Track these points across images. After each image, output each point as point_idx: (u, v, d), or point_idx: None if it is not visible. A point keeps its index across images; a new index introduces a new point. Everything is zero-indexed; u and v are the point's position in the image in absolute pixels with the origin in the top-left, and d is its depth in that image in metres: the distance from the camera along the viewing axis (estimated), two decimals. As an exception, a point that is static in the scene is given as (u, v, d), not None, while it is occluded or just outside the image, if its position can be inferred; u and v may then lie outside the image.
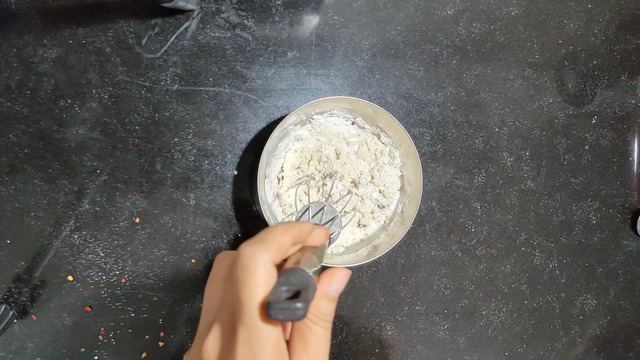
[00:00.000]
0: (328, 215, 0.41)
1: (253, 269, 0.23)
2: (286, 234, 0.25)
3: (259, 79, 0.55)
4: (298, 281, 0.23)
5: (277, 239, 0.24)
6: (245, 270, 0.23)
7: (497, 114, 0.61)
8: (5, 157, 0.51)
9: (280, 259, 0.25)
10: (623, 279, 0.64)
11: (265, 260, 0.23)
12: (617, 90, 0.64)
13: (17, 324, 0.50)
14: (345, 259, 0.53)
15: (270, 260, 0.23)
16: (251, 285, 0.22)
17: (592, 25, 0.63)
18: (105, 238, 0.52)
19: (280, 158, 0.54)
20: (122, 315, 0.52)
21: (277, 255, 0.24)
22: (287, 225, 0.26)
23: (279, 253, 0.24)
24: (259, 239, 0.24)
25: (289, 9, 0.55)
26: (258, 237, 0.24)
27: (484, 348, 0.60)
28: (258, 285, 0.22)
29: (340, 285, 0.26)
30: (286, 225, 0.26)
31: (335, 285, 0.26)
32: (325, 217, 0.40)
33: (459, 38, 0.59)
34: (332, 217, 0.41)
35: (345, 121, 0.56)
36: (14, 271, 0.50)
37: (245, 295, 0.22)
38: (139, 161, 0.53)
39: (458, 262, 0.59)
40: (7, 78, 0.51)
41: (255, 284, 0.22)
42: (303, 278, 0.23)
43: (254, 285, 0.22)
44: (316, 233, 0.28)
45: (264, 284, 0.22)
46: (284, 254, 0.25)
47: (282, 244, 0.24)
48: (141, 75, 0.53)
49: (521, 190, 0.62)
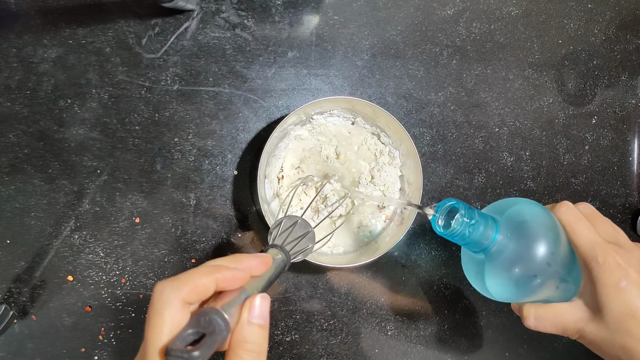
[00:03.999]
0: (300, 230, 0.40)
1: (160, 308, 0.22)
2: (207, 276, 0.24)
3: (259, 79, 0.55)
4: (206, 324, 0.22)
5: (193, 279, 0.24)
6: (153, 308, 0.22)
7: (497, 114, 0.61)
8: (5, 157, 0.51)
9: (197, 299, 0.24)
10: (623, 279, 0.64)
11: (174, 299, 0.22)
12: (617, 90, 0.64)
13: (17, 324, 0.50)
14: (345, 259, 0.53)
15: (179, 300, 0.22)
16: (156, 323, 0.22)
17: (592, 25, 0.63)
18: (105, 238, 0.52)
19: (280, 158, 0.54)
20: (123, 316, 0.52)
21: (190, 295, 0.23)
22: (213, 268, 0.25)
23: (193, 294, 0.23)
24: (176, 277, 0.24)
25: (289, 9, 0.55)
26: (177, 275, 0.24)
27: (485, 348, 0.60)
28: (162, 324, 0.22)
29: (261, 311, 0.25)
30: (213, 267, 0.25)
31: (255, 311, 0.25)
32: (297, 232, 0.40)
33: (459, 38, 0.59)
34: (304, 231, 0.40)
35: (345, 121, 0.56)
36: (14, 271, 0.50)
37: (149, 333, 0.22)
38: (139, 161, 0.53)
39: (458, 262, 0.59)
40: (7, 78, 0.51)
41: (159, 323, 0.22)
42: (212, 321, 0.22)
43: (157, 324, 0.22)
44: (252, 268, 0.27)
45: (169, 323, 0.22)
46: (200, 295, 0.24)
47: (198, 285, 0.24)
48: (141, 75, 0.53)
49: (521, 190, 0.62)
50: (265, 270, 0.29)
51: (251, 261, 0.28)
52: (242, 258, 0.28)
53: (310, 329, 0.55)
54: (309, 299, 0.55)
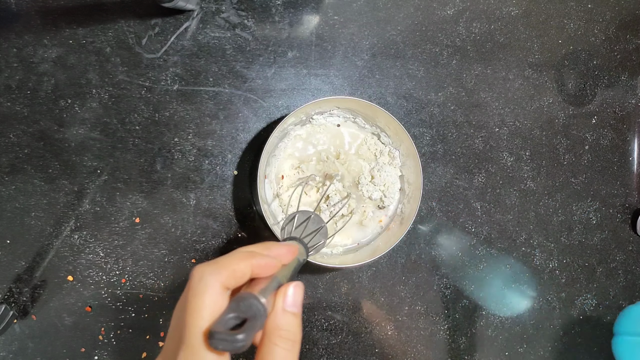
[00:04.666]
0: (314, 225, 0.40)
1: (200, 291, 0.22)
2: (244, 261, 0.24)
3: (259, 79, 0.55)
4: (246, 309, 0.22)
5: (231, 264, 0.24)
6: (192, 291, 0.22)
7: (497, 114, 0.61)
8: (6, 157, 0.51)
9: (234, 284, 0.24)
10: (623, 279, 0.64)
11: (214, 283, 0.22)
12: (617, 90, 0.64)
13: (17, 324, 0.50)
14: (345, 259, 0.53)
15: (219, 283, 0.22)
16: (196, 306, 0.22)
17: (592, 25, 0.63)
18: (105, 238, 0.52)
19: (280, 158, 0.54)
20: (123, 315, 0.52)
21: (228, 280, 0.23)
22: (249, 254, 0.25)
23: (231, 279, 0.23)
24: (213, 261, 0.24)
25: (289, 9, 0.55)
26: (214, 260, 0.24)
27: (484, 348, 0.60)
28: (203, 307, 0.22)
29: (296, 299, 0.25)
30: (249, 253, 0.25)
31: (290, 300, 0.25)
32: (310, 227, 0.40)
33: (459, 38, 0.59)
34: (317, 227, 0.40)
35: (345, 121, 0.56)
36: (14, 271, 0.50)
37: (189, 317, 0.22)
38: (139, 161, 0.53)
39: (458, 262, 0.59)
40: (7, 78, 0.51)
41: (200, 306, 0.22)
42: (253, 306, 0.23)
43: (198, 308, 0.22)
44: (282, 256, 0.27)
45: (210, 307, 0.22)
46: (238, 280, 0.24)
47: (236, 271, 0.24)
48: (141, 75, 0.53)
49: (521, 190, 0.62)
50: (293, 258, 0.30)
51: (280, 249, 0.28)
52: (271, 245, 0.28)
53: (310, 329, 0.55)
54: (309, 299, 0.55)
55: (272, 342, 0.23)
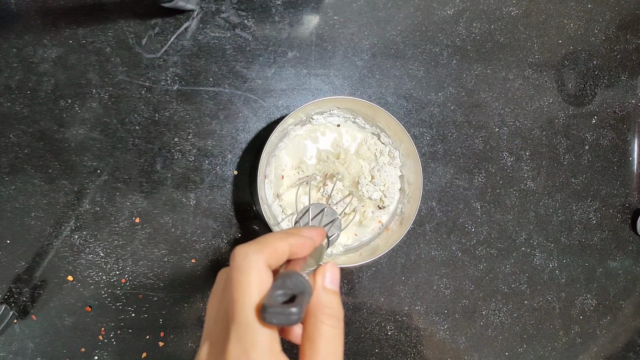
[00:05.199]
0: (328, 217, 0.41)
1: (246, 268, 0.22)
2: (283, 240, 0.25)
3: (259, 79, 0.55)
4: (294, 285, 0.23)
5: (272, 242, 0.24)
6: (238, 269, 0.23)
7: (497, 114, 0.61)
8: (6, 157, 0.51)
9: (275, 263, 0.24)
10: (623, 279, 0.64)
11: (259, 260, 0.23)
12: (617, 90, 0.64)
13: (17, 324, 0.50)
14: (345, 259, 0.53)
15: (263, 261, 0.23)
16: (244, 283, 0.22)
17: (592, 25, 0.63)
18: (105, 238, 0.52)
19: (280, 158, 0.54)
20: (123, 315, 0.52)
21: (271, 258, 0.24)
22: (287, 233, 0.26)
23: (273, 257, 0.24)
24: (255, 241, 0.24)
25: (289, 9, 0.55)
26: (254, 239, 0.24)
27: (484, 348, 0.60)
28: (251, 283, 0.22)
29: (335, 277, 0.26)
30: (286, 232, 0.26)
31: (330, 278, 0.26)
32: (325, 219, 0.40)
33: (459, 38, 0.59)
34: (332, 219, 0.41)
35: (345, 121, 0.56)
36: (14, 271, 0.50)
37: (237, 293, 0.22)
38: (139, 161, 0.53)
39: (458, 262, 0.59)
40: (7, 78, 0.51)
41: (248, 283, 0.22)
42: (299, 282, 0.23)
43: (246, 284, 0.22)
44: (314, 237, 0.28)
45: (257, 284, 0.22)
46: (279, 259, 0.25)
47: (277, 249, 0.24)
48: (141, 75, 0.53)
49: (521, 190, 0.62)
50: (323, 240, 0.30)
51: (311, 231, 0.29)
52: (302, 228, 0.29)
53: (310, 329, 0.55)
54: (309, 299, 0.55)
55: (319, 320, 0.23)
